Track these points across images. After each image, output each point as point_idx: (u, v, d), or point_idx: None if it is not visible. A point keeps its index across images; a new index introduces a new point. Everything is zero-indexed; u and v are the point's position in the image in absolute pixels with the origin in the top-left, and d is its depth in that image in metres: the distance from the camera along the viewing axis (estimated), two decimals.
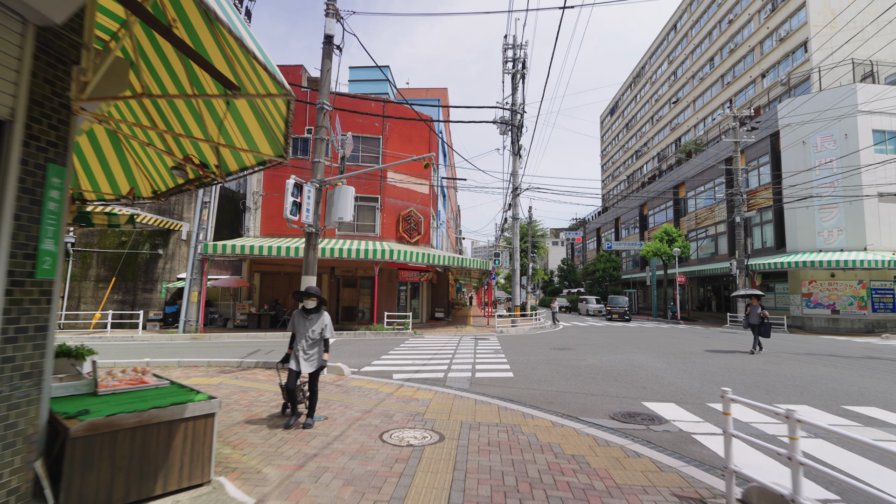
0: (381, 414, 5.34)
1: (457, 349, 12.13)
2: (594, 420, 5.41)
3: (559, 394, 6.83)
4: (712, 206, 31.09)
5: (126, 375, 3.84)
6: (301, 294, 4.84)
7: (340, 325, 19.46)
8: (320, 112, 8.84)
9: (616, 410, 5.87)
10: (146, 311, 18.13)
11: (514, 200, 20.45)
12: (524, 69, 20.34)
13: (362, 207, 20.07)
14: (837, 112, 22.30)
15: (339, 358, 10.43)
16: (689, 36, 46.24)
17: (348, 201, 8.15)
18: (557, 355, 11.09)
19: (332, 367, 8.23)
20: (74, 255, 18.35)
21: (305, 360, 4.67)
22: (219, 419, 4.94)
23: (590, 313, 33.45)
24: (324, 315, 4.86)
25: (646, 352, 11.86)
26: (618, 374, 8.43)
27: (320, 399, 6.05)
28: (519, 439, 4.49)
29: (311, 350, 4.75)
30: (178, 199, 19.76)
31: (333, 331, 4.89)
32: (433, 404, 5.89)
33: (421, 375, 8.31)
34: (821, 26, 29.60)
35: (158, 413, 2.95)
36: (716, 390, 7.14)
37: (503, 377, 8.18)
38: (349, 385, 7.14)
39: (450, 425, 4.93)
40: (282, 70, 19.71)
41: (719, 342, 14.62)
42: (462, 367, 9.27)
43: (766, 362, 10.17)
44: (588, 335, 16.85)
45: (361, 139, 20.14)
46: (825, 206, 22.59)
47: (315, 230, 8.48)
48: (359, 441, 4.32)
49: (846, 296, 22.06)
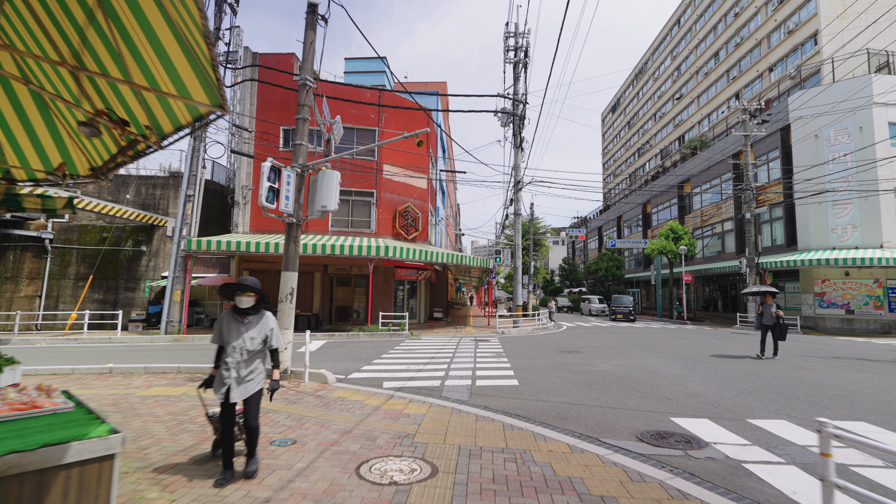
0: (363, 436, 4.42)
1: (455, 352, 11.22)
2: (619, 443, 4.50)
3: (572, 407, 5.93)
4: (719, 202, 30.20)
5: (21, 396, 2.93)
6: (231, 288, 3.38)
7: (333, 325, 18.55)
8: (302, 89, 7.92)
9: (643, 429, 4.96)
10: (128, 311, 17.21)
11: (517, 195, 19.55)
12: (526, 58, 19.43)
13: (357, 202, 19.16)
14: (852, 104, 21.41)
15: (326, 363, 9.51)
16: (694, 31, 45.33)
17: (333, 188, 7.23)
18: (565, 359, 10.18)
19: (315, 375, 7.32)
20: (53, 252, 17.43)
21: (240, 383, 3.28)
22: (163, 445, 4.02)
23: (592, 313, 32.55)
24: (266, 317, 3.49)
25: (659, 355, 10.96)
26: (635, 382, 7.52)
27: (292, 416, 5.13)
28: (531, 473, 3.59)
29: (249, 367, 3.36)
30: (164, 194, 18.86)
31: (281, 337, 3.62)
32: (426, 422, 4.98)
33: (415, 383, 7.40)
34: (831, 17, 28.72)
35: (19, 459, 2.04)
36: (751, 402, 6.24)
37: (507, 385, 7.28)
38: (331, 396, 6.23)
39: (445, 452, 4.02)
40: (272, 58, 18.80)
41: (735, 344, 13.73)
42: (461, 373, 8.37)
43: (794, 368, 9.27)
44: (594, 337, 15.95)
45: (356, 131, 19.22)
46: (839, 202, 21.70)
47: (296, 220, 7.57)
48: (328, 477, 3.41)
49: (861, 295, 21.18)
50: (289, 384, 6.98)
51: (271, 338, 3.48)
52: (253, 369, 3.38)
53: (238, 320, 3.39)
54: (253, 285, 3.36)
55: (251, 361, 3.38)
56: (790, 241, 23.65)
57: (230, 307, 3.47)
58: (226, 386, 3.25)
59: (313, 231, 18.38)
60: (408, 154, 19.69)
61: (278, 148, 18.17)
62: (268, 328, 3.46)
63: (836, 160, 21.68)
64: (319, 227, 18.50)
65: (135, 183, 18.69)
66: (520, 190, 19.31)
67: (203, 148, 15.48)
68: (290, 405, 5.65)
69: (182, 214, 15.18)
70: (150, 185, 18.74)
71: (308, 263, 18.58)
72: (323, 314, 18.85)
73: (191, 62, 2.65)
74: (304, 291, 19.05)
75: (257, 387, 3.39)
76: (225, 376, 3.27)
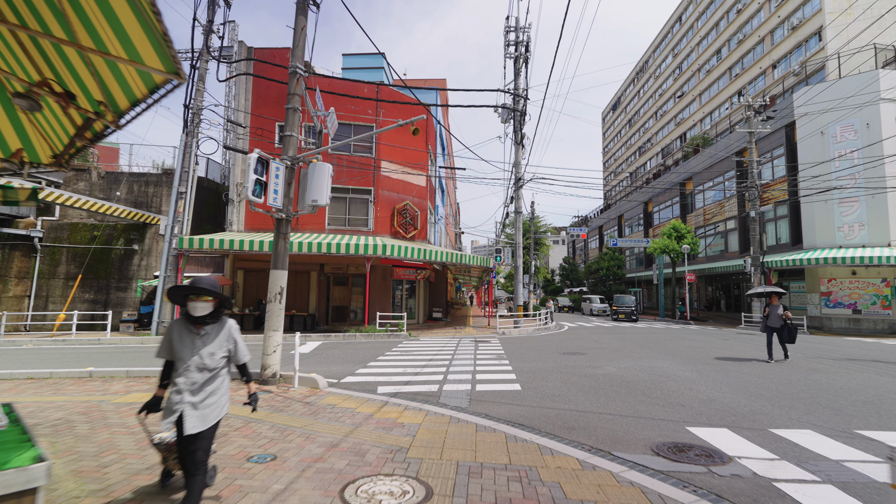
0: (351, 450, 4.01)
1: (455, 354, 10.81)
2: (633, 457, 4.09)
3: (580, 414, 5.52)
4: (722, 201, 29.80)
5: None
6: (183, 292, 2.65)
7: (330, 326, 18.14)
8: (293, 77, 7.51)
9: (658, 440, 4.55)
10: (119, 312, 16.80)
11: (517, 193, 19.13)
12: (527, 52, 19.02)
13: (354, 200, 18.75)
14: (859, 100, 21.00)
15: (320, 366, 9.10)
16: (695, 28, 44.92)
17: (324, 181, 6.82)
18: (569, 361, 9.77)
19: (306, 379, 6.91)
20: (42, 251, 17.01)
21: (197, 409, 2.56)
22: (127, 462, 3.45)
23: (594, 313, 32.14)
24: (228, 326, 2.78)
25: (666, 357, 10.55)
26: (644, 387, 7.11)
27: (276, 426, 4.72)
28: (539, 495, 3.18)
29: (208, 389, 2.64)
30: (157, 192, 18.43)
31: (247, 349, 2.90)
32: (422, 433, 4.57)
33: (411, 388, 6.99)
34: (836, 13, 28.31)
35: None
36: (770, 408, 5.83)
37: (509, 390, 6.86)
38: (321, 403, 5.81)
39: (442, 469, 3.61)
40: (267, 53, 18.34)
41: (742, 345, 13.32)
42: (460, 376, 7.96)
43: (809, 371, 8.86)
44: (597, 337, 15.54)
45: (353, 127, 18.80)
46: (845, 200, 21.29)
47: (286, 216, 7.15)
48: (308, 502, 3.00)
49: (868, 295, 20.78)
50: (277, 389, 6.57)
51: (236, 352, 2.79)
52: (213, 391, 2.67)
53: (192, 331, 2.65)
54: (210, 287, 2.62)
55: (210, 382, 2.66)
56: (795, 239, 23.25)
57: (182, 314, 2.71)
58: (176, 413, 2.52)
59: (309, 229, 17.97)
60: (406, 151, 19.29)
61: (273, 144, 17.75)
62: (231, 340, 2.76)
63: (842, 157, 21.27)
64: (316, 225, 18.09)
65: (127, 180, 18.26)
66: (521, 187, 18.89)
67: (195, 144, 15.06)
68: (275, 413, 5.24)
69: (174, 212, 14.76)
70: (142, 183, 18.32)
71: (304, 262, 18.18)
72: (319, 314, 18.44)
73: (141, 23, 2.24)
74: (301, 291, 18.65)
75: (219, 413, 2.68)
76: (175, 401, 2.54)
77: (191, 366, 2.60)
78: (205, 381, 2.64)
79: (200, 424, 2.56)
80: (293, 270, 18.24)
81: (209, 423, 2.60)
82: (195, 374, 2.61)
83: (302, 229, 17.87)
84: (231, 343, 2.77)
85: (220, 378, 2.74)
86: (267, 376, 6.88)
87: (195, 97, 14.90)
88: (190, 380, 2.59)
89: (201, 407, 2.59)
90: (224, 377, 2.78)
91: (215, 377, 2.70)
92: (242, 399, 5.81)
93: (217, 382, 2.71)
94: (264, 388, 6.60)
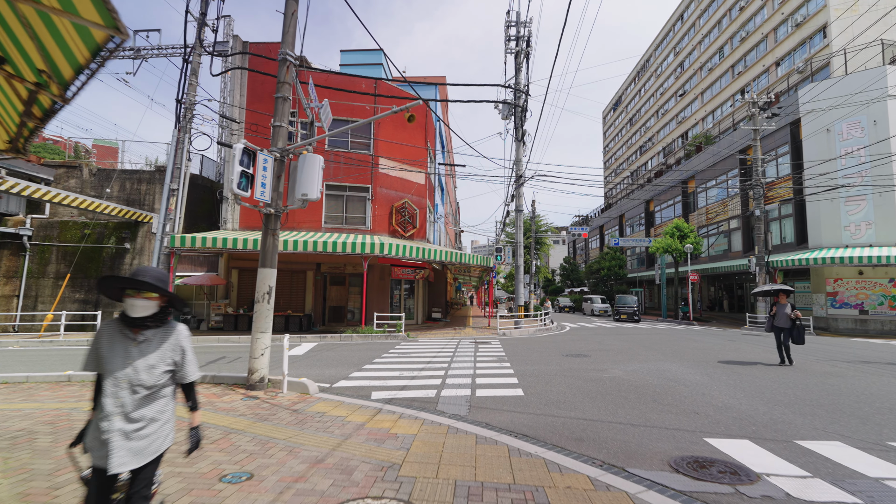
0: (338, 467, 3.61)
1: (454, 356, 10.42)
2: (650, 474, 3.69)
3: (588, 423, 5.12)
4: (725, 200, 29.41)
5: None
6: (117, 283, 2.08)
7: (327, 326, 17.74)
8: (282, 64, 7.12)
9: (675, 454, 4.15)
10: (110, 312, 16.37)
11: (518, 191, 18.74)
12: (528, 47, 18.63)
13: (352, 198, 18.35)
14: (865, 97, 20.62)
15: (312, 369, 8.71)
16: (697, 26, 44.55)
17: (314, 174, 6.42)
18: (573, 364, 9.37)
19: (295, 384, 6.51)
20: (32, 250, 16.61)
21: (129, 439, 1.98)
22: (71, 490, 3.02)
23: (595, 313, 31.75)
24: (176, 332, 2.20)
25: (673, 359, 10.16)
26: (654, 392, 6.72)
27: (257, 438, 4.32)
28: None
29: (144, 413, 2.05)
30: (150, 189, 18.03)
31: (196, 363, 2.31)
32: (417, 445, 4.17)
33: (407, 394, 6.59)
34: (841, 10, 27.92)
35: None
36: (792, 417, 5.43)
37: (511, 396, 6.47)
38: (309, 410, 5.42)
39: (437, 491, 3.21)
40: (263, 47, 17.91)
41: (750, 347, 12.93)
42: (459, 380, 7.56)
43: (825, 374, 8.47)
44: (600, 338, 15.15)
45: (350, 124, 18.39)
46: (852, 199, 20.92)
47: (274, 211, 6.75)
48: None
49: (875, 295, 20.40)
50: (264, 395, 6.17)
51: (183, 364, 2.19)
52: (153, 417, 2.07)
53: (128, 336, 2.06)
54: (155, 281, 2.04)
55: (148, 403, 2.06)
56: (800, 238, 22.87)
57: (118, 315, 2.13)
58: (105, 440, 1.94)
59: (306, 227, 17.57)
60: (405, 147, 18.89)
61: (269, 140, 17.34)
62: (177, 350, 2.16)
63: (849, 155, 20.89)
64: (312, 223, 17.70)
65: (119, 177, 17.86)
66: (522, 185, 18.50)
67: (188, 139, 14.65)
68: (258, 423, 4.84)
69: (165, 209, 14.35)
70: (134, 180, 17.92)
71: (300, 262, 17.79)
72: (316, 315, 18.04)
73: None
74: (297, 291, 18.26)
75: (160, 446, 2.09)
76: (103, 428, 1.95)
77: (121, 380, 1.99)
78: (139, 403, 2.02)
79: (133, 460, 1.97)
80: (289, 270, 17.87)
81: (146, 459, 2.01)
82: (126, 393, 2.00)
83: (298, 227, 17.47)
84: (178, 354, 2.16)
85: (161, 400, 2.12)
86: (254, 381, 6.49)
87: (187, 92, 14.50)
88: (120, 400, 1.98)
89: (136, 437, 1.99)
90: (168, 399, 2.17)
91: (155, 398, 2.09)
92: (227, 405, 5.42)
93: (159, 405, 2.10)
94: (251, 394, 6.21)
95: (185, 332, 2.25)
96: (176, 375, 2.20)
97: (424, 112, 19.27)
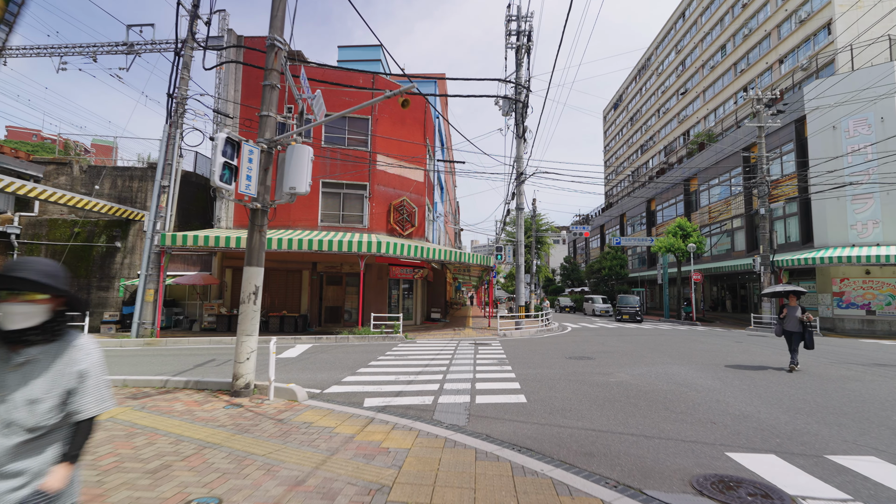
0: (319, 490, 3.21)
1: (453, 358, 10.01)
2: (672, 497, 3.29)
3: (597, 435, 4.72)
4: (728, 198, 29.02)
5: None
6: None
7: (323, 327, 17.33)
8: (270, 50, 6.70)
9: (697, 472, 3.75)
10: (100, 312, 15.98)
11: (519, 189, 18.33)
12: (529, 42, 18.22)
13: (349, 196, 17.94)
14: (872, 93, 20.22)
15: (304, 372, 8.30)
16: (699, 23, 44.15)
17: (303, 166, 6.02)
18: (577, 367, 8.97)
19: (283, 390, 6.10)
20: (20, 249, 16.19)
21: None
22: None
23: (596, 313, 31.34)
24: (75, 346, 1.58)
25: (681, 362, 9.76)
26: (665, 399, 6.32)
27: (234, 453, 3.90)
28: None
29: (21, 464, 1.42)
30: (142, 187, 17.63)
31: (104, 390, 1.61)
32: (410, 462, 3.77)
33: (402, 400, 6.19)
34: (846, 6, 27.53)
35: None
36: (817, 427, 5.03)
37: (513, 403, 6.07)
38: (296, 420, 5.01)
39: None
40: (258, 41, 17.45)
41: (759, 349, 12.53)
42: (458, 385, 7.16)
43: (843, 379, 8.07)
44: (603, 339, 14.75)
45: (348, 119, 18.01)
46: (858, 197, 20.52)
47: (261, 206, 6.34)
48: None
49: (883, 295, 20.01)
50: (249, 403, 5.77)
51: (81, 394, 1.55)
52: (38, 471, 1.47)
53: (3, 357, 1.50)
54: (39, 277, 1.48)
55: (31, 452, 1.46)
56: (806, 237, 22.49)
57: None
58: None
59: (301, 225, 17.17)
60: (403, 144, 18.48)
61: None
62: (72, 374, 1.54)
63: (855, 152, 20.50)
64: (308, 221, 17.29)
65: (110, 174, 17.45)
66: (522, 182, 18.10)
67: (179, 135, 14.24)
68: (238, 435, 4.44)
69: (156, 207, 13.94)
70: (126, 177, 17.51)
71: (296, 261, 17.38)
72: (312, 315, 17.64)
73: None
74: (292, 291, 17.85)
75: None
76: None
77: None
78: (16, 452, 1.41)
79: None
80: (284, 269, 17.46)
81: None
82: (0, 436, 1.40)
83: (294, 226, 17.07)
84: (73, 379, 1.53)
85: (53, 447, 1.52)
86: (239, 387, 6.08)
87: (179, 86, 14.09)
88: None
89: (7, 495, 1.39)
90: (56, 445, 1.55)
91: (42, 445, 1.48)
92: (208, 414, 5.01)
93: (48, 455, 1.50)
94: (234, 402, 5.80)
95: (91, 345, 1.62)
96: (68, 409, 1.54)
97: (424, 108, 18.87)
